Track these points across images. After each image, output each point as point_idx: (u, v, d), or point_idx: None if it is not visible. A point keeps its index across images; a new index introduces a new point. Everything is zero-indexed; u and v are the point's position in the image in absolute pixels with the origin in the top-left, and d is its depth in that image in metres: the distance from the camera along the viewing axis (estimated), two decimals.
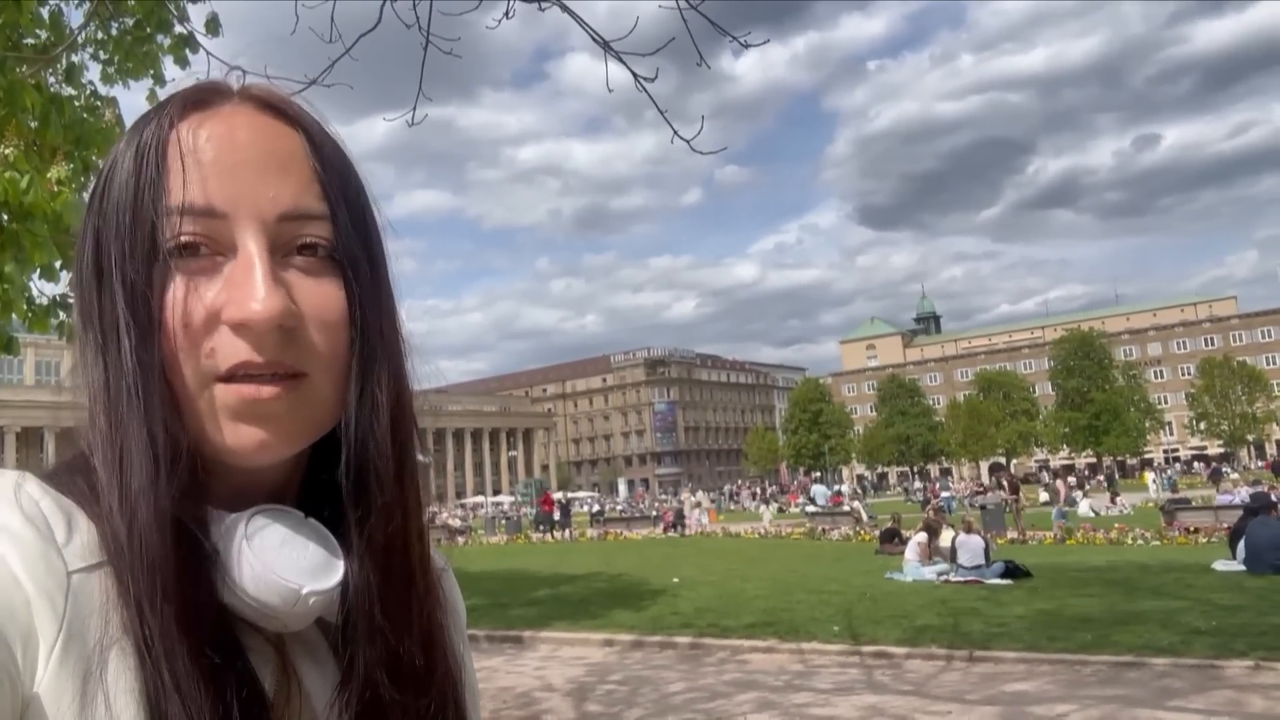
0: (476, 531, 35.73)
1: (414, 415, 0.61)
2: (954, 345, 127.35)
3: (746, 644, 9.41)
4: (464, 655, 0.67)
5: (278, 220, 0.53)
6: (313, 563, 0.54)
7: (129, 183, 0.53)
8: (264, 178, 0.53)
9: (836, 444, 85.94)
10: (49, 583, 0.46)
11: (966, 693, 7.18)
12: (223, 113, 0.55)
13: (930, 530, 14.35)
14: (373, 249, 0.58)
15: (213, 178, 0.52)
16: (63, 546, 0.48)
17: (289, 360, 0.52)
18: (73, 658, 0.45)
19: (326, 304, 0.54)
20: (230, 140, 0.54)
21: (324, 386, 0.54)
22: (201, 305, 0.51)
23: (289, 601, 0.52)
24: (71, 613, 0.46)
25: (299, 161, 0.55)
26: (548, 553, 24.05)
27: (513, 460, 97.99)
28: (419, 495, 0.61)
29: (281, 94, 0.58)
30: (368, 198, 0.60)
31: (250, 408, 0.51)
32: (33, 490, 0.50)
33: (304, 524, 0.56)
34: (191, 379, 0.51)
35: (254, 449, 0.52)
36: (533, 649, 10.25)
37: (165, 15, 6.42)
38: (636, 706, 7.35)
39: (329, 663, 0.58)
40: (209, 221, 0.52)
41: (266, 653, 0.55)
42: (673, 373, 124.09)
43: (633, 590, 13.69)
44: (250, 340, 0.51)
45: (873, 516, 28.04)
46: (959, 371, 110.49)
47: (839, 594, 12.04)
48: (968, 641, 8.63)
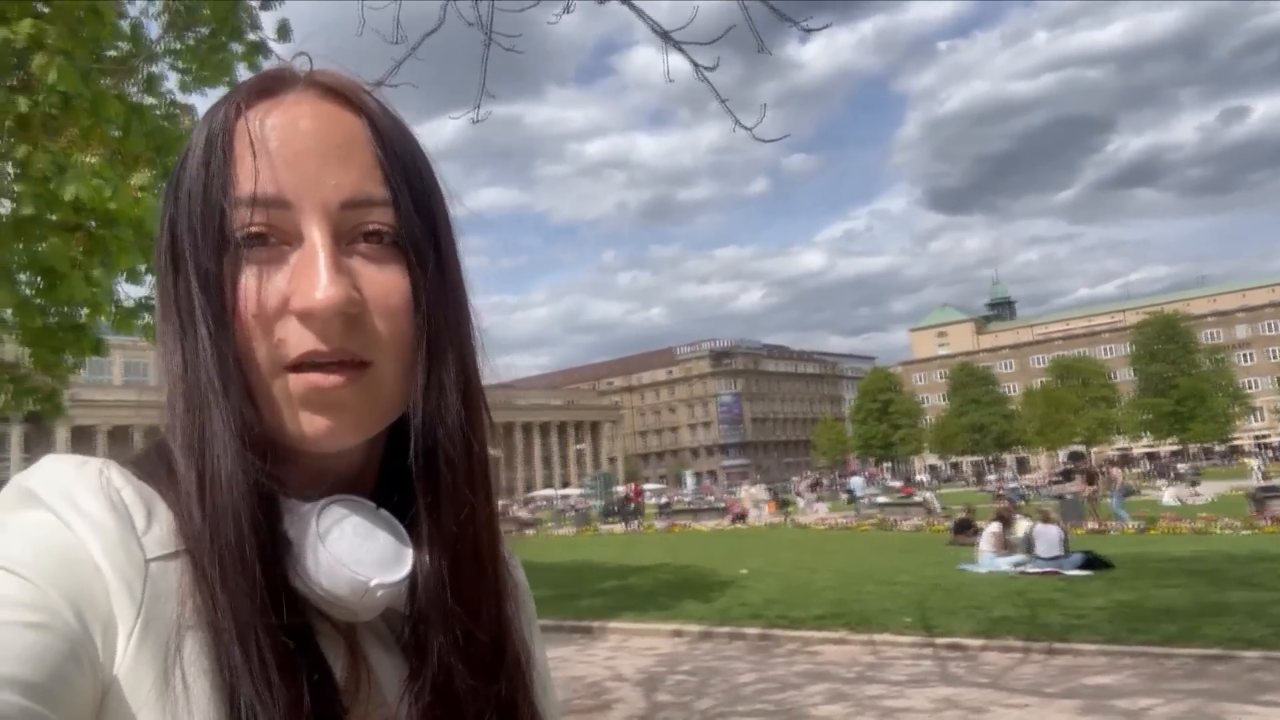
0: (545, 524, 36.11)
1: (485, 402, 0.62)
2: (1029, 331, 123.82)
3: (817, 635, 9.33)
4: (533, 643, 0.67)
5: (341, 208, 0.54)
6: (383, 555, 0.55)
7: (199, 172, 0.54)
8: (326, 165, 0.54)
9: (907, 434, 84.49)
10: (128, 570, 0.47)
11: (1045, 686, 7.00)
12: (286, 101, 0.56)
13: (1004, 520, 14.02)
14: (439, 235, 0.58)
15: (278, 167, 0.53)
16: (142, 534, 0.49)
17: (354, 348, 0.53)
18: (150, 643, 0.46)
19: (390, 290, 0.54)
20: (293, 129, 0.54)
21: (390, 373, 0.55)
22: (270, 294, 0.52)
23: (358, 593, 0.53)
24: (149, 599, 0.47)
25: (361, 148, 0.55)
26: (615, 544, 24.17)
27: (580, 453, 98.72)
28: (490, 482, 0.61)
29: (346, 80, 0.58)
30: (436, 184, 0.60)
31: (318, 396, 0.52)
32: (115, 478, 0.51)
33: (376, 515, 0.57)
34: (264, 367, 0.52)
35: (322, 436, 0.53)
36: (602, 639, 10.33)
37: (238, 23, 6.62)
38: (707, 697, 7.35)
39: (399, 653, 0.59)
40: (275, 211, 0.53)
41: (337, 641, 0.56)
42: (738, 364, 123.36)
43: (700, 581, 13.68)
44: (315, 329, 0.51)
45: (944, 507, 27.50)
46: (1034, 358, 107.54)
47: (910, 585, 11.84)
48: (1046, 633, 8.41)
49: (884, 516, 26.20)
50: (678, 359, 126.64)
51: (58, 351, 5.62)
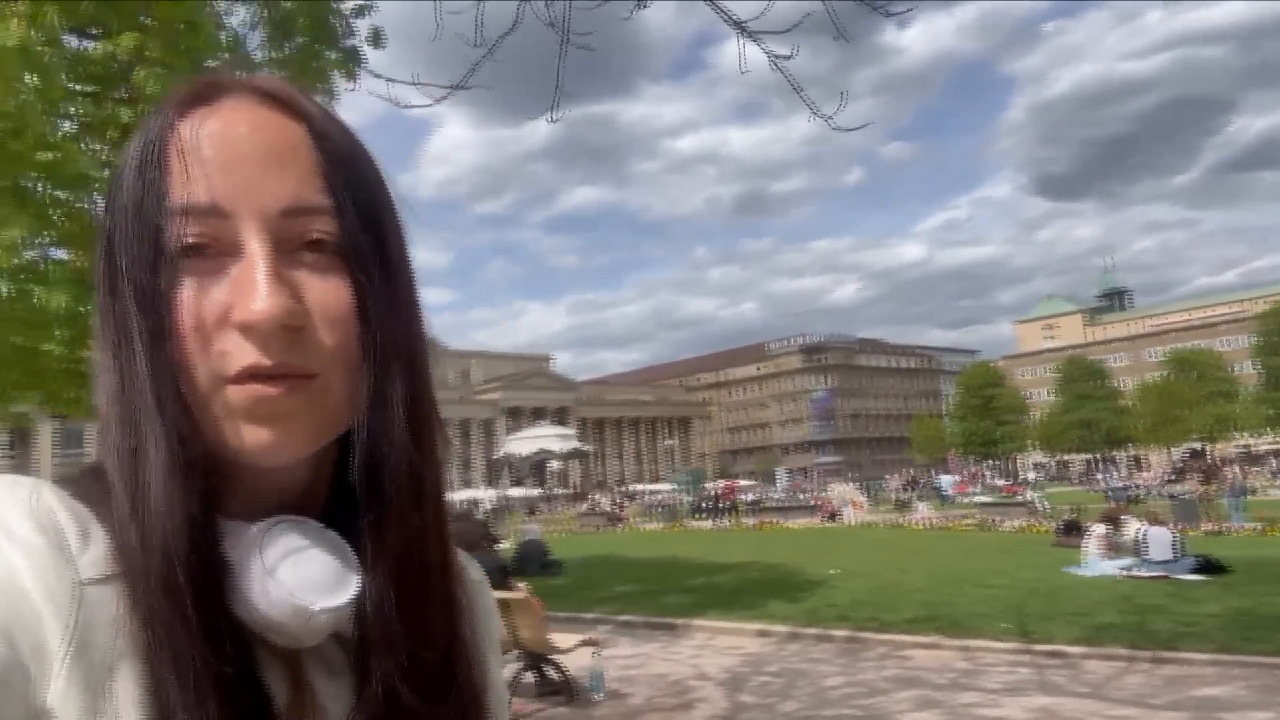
0: (633, 519, 36.29)
1: (436, 415, 0.59)
2: (1142, 323, 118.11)
3: (908, 639, 9.08)
4: (490, 664, 0.65)
5: (280, 215, 0.52)
6: (326, 578, 0.53)
7: (134, 184, 0.52)
8: (265, 172, 0.52)
9: (1011, 431, 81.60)
10: (59, 593, 0.46)
11: (1150, 696, 6.64)
12: (223, 108, 0.54)
13: (1112, 522, 13.38)
14: (385, 242, 0.56)
15: (213, 175, 0.51)
16: (75, 556, 0.48)
17: (296, 360, 0.51)
18: (81, 670, 0.45)
19: (334, 301, 0.52)
20: (229, 135, 0.52)
21: (336, 385, 0.53)
22: (209, 307, 0.50)
23: (300, 619, 0.51)
24: (82, 624, 0.46)
25: (301, 154, 0.54)
26: (702, 541, 24.12)
27: (670, 449, 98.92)
28: (441, 499, 0.59)
29: (284, 85, 0.56)
30: (383, 190, 0.58)
31: (260, 406, 0.50)
32: (49, 499, 0.50)
33: (321, 536, 0.54)
34: (204, 382, 0.50)
35: (265, 448, 0.51)
36: (687, 637, 10.29)
37: (332, 31, 6.83)
38: (792, 699, 7.23)
39: (346, 677, 0.56)
40: (212, 221, 0.51)
41: (279, 668, 0.53)
42: (831, 359, 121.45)
43: (788, 581, 13.50)
44: (256, 342, 0.50)
45: (1050, 507, 26.46)
46: (1148, 351, 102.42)
47: (1009, 589, 11.41)
48: (1153, 641, 7.99)
49: (984, 517, 25.39)
50: (769, 354, 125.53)
51: None
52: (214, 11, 6.42)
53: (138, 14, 5.61)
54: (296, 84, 0.59)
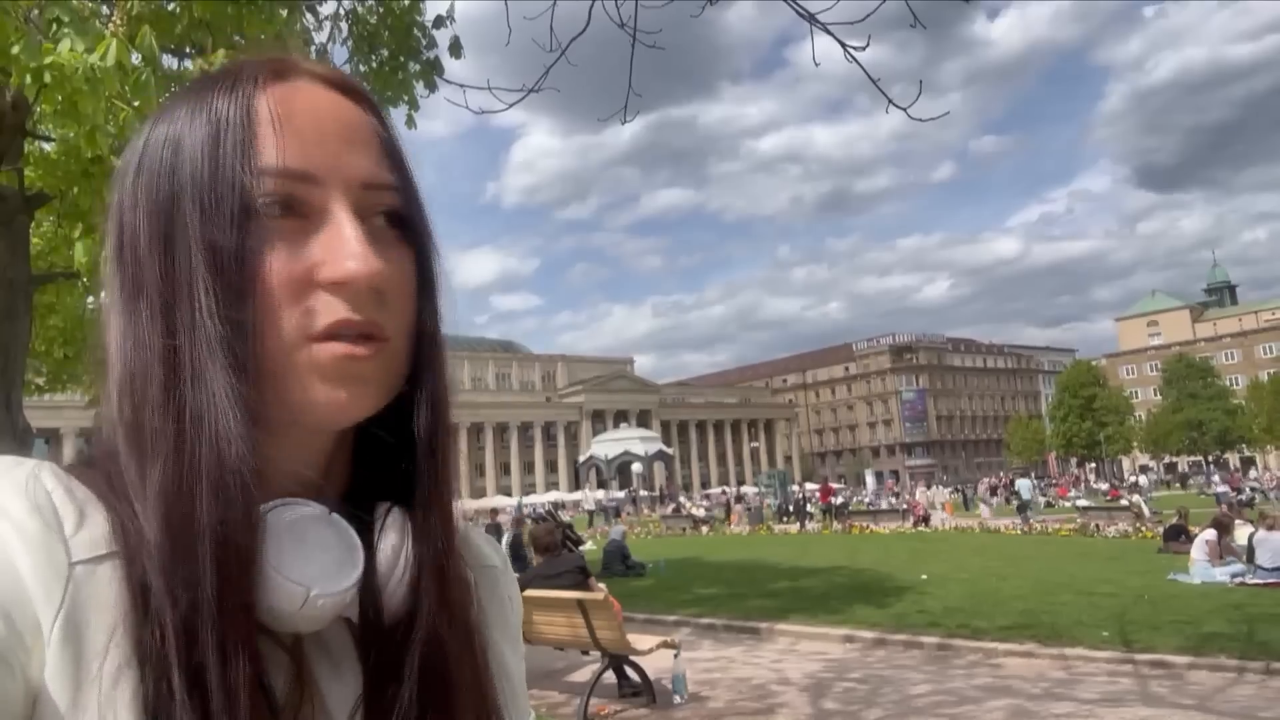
0: (719, 522, 36.10)
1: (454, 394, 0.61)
2: (1253, 318, 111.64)
3: (1001, 647, 8.75)
4: (503, 652, 0.65)
5: (361, 187, 0.55)
6: (327, 563, 0.52)
7: (207, 146, 0.53)
8: (347, 147, 0.55)
9: (1114, 432, 78.23)
10: (48, 573, 0.46)
11: (1260, 709, 6.26)
12: (301, 85, 0.56)
13: (1221, 527, 12.67)
14: (430, 224, 0.60)
15: (306, 143, 0.53)
16: (69, 537, 0.48)
17: (382, 321, 0.53)
18: (71, 649, 0.45)
19: (404, 272, 0.56)
20: (316, 110, 0.55)
21: (400, 353, 0.55)
22: (298, 266, 0.52)
23: (294, 603, 0.50)
24: (70, 604, 0.46)
25: (372, 136, 0.57)
26: (788, 544, 23.80)
27: (754, 451, 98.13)
28: (456, 484, 0.60)
29: (348, 75, 0.60)
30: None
31: (346, 366, 0.52)
32: (47, 480, 0.50)
33: (325, 519, 0.54)
34: (287, 339, 0.51)
35: (338, 409, 0.52)
36: (770, 641, 10.17)
37: (415, 43, 7.01)
38: (876, 707, 7.06)
39: (350, 663, 0.56)
40: (303, 185, 0.53)
41: (279, 655, 0.53)
42: (921, 359, 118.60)
43: (876, 586, 13.19)
44: (348, 298, 0.51)
45: (1156, 512, 25.25)
46: (1262, 347, 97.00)
47: (1111, 596, 10.90)
48: (1265, 652, 7.51)
49: (1085, 521, 24.39)
50: (856, 355, 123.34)
51: None
52: (303, 28, 6.67)
53: (230, 32, 5.86)
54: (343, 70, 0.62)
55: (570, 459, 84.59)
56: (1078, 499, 38.29)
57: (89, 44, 3.52)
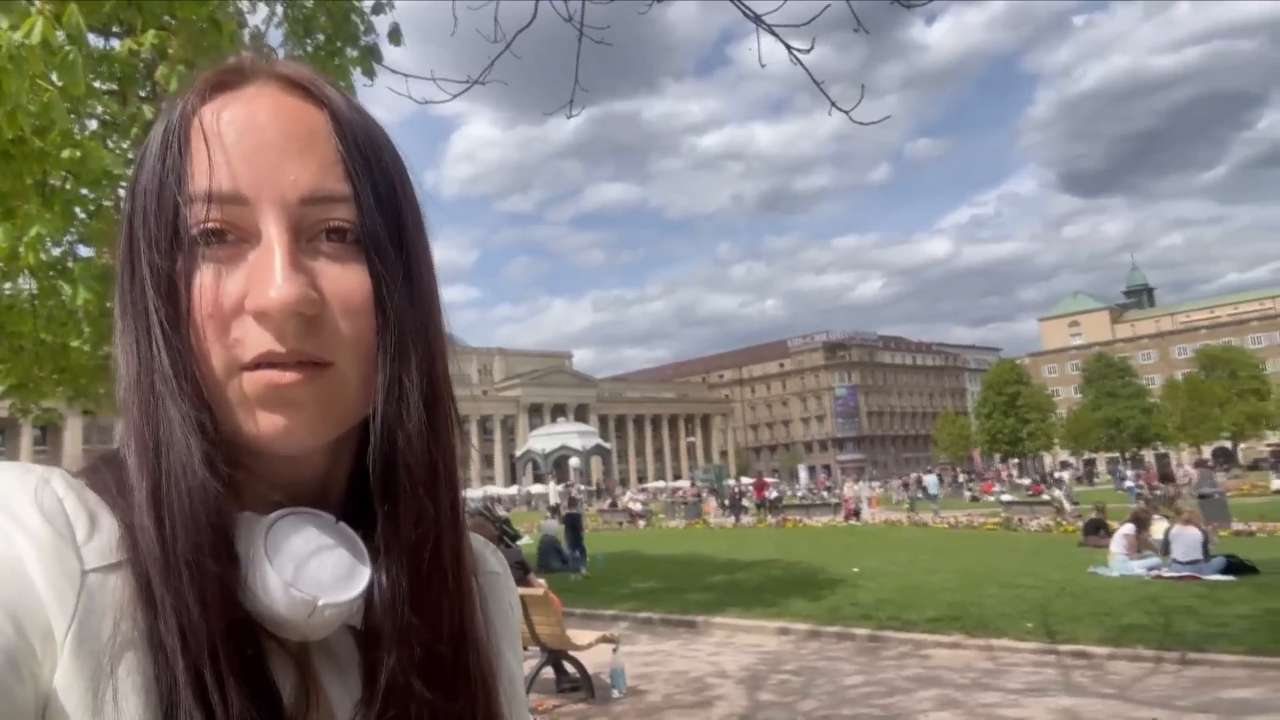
0: (656, 516, 36.27)
1: (453, 407, 0.59)
2: (1170, 320, 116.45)
3: (930, 638, 8.99)
4: (506, 657, 0.65)
5: (300, 203, 0.52)
6: (334, 572, 0.52)
7: (155, 168, 0.53)
8: (285, 160, 0.52)
9: (1036, 428, 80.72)
10: (61, 581, 0.46)
11: (1177, 698, 6.54)
12: (246, 94, 0.54)
13: (1139, 521, 13.18)
14: (405, 232, 0.56)
15: (235, 161, 0.51)
16: (82, 545, 0.48)
17: (311, 349, 0.51)
18: (84, 656, 0.45)
19: (351, 289, 0.52)
20: (251, 122, 0.52)
21: (351, 375, 0.52)
22: (226, 293, 0.50)
23: (304, 613, 0.50)
24: (83, 611, 0.46)
25: (322, 141, 0.54)
26: (724, 538, 24.06)
27: (691, 446, 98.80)
28: (456, 490, 0.58)
29: (306, 72, 0.56)
30: (405, 180, 0.58)
31: (275, 393, 0.50)
32: (58, 487, 0.50)
33: (332, 529, 0.54)
34: (219, 368, 0.50)
35: (279, 435, 0.51)
36: (707, 634, 10.27)
37: (353, 29, 6.85)
38: (810, 698, 7.18)
39: (355, 670, 0.56)
40: (232, 207, 0.51)
41: (286, 661, 0.53)
42: (853, 356, 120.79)
43: (810, 579, 13.42)
44: (272, 329, 0.50)
45: (1075, 503, 26.17)
46: (1176, 348, 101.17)
47: (1034, 588, 11.27)
48: (1180, 642, 7.85)
49: (1009, 516, 25.13)
50: (791, 351, 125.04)
51: None
52: (236, 10, 6.47)
53: (160, 13, 5.65)
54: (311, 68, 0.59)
55: (507, 453, 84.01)
56: (1002, 494, 39.44)
57: (14, 21, 3.36)
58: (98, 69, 5.62)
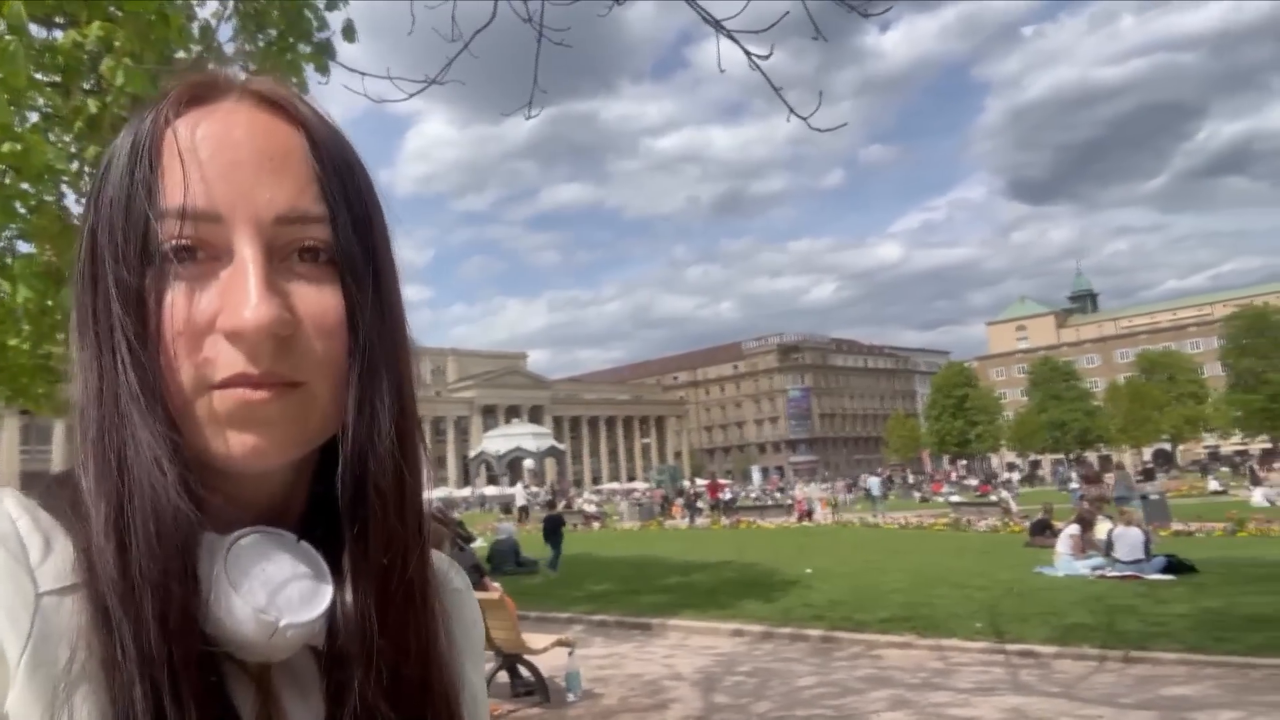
0: (611, 517, 36.24)
1: (419, 428, 0.59)
2: (1113, 325, 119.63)
3: (882, 639, 9.12)
4: (473, 678, 0.65)
5: (274, 223, 0.51)
6: (296, 593, 0.52)
7: (123, 181, 0.52)
8: (260, 178, 0.51)
9: (984, 430, 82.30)
10: (15, 603, 0.45)
11: (1120, 696, 6.70)
12: (220, 109, 0.53)
13: (1084, 522, 13.51)
14: (377, 253, 0.55)
15: (209, 179, 0.50)
16: (35, 567, 0.47)
17: (284, 370, 0.50)
18: (39, 680, 0.44)
19: (325, 310, 0.52)
20: (226, 139, 0.52)
21: (322, 395, 0.52)
22: (197, 312, 0.50)
23: (265, 634, 0.50)
24: (38, 635, 0.45)
25: (297, 160, 0.53)
26: (679, 540, 24.13)
27: (646, 447, 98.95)
28: (421, 512, 0.58)
29: (283, 90, 0.56)
30: (375, 199, 0.57)
31: (245, 412, 0.49)
32: (10, 508, 0.49)
33: (294, 548, 0.53)
34: (188, 386, 0.50)
35: (248, 454, 0.50)
36: (661, 636, 10.28)
37: (306, 25, 6.73)
38: (765, 699, 7.23)
39: (317, 690, 0.55)
40: (205, 225, 0.50)
41: (246, 684, 0.52)
42: (807, 359, 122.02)
43: (764, 580, 13.51)
44: (245, 349, 0.49)
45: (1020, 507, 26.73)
46: (1119, 352, 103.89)
47: (983, 589, 11.49)
48: (1123, 641, 8.07)
49: (958, 516, 25.59)
50: (745, 354, 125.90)
51: None
52: (185, 3, 6.32)
53: (106, 5, 5.50)
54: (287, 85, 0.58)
55: (460, 454, 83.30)
56: (951, 494, 40.16)
57: None
58: (40, 60, 5.44)
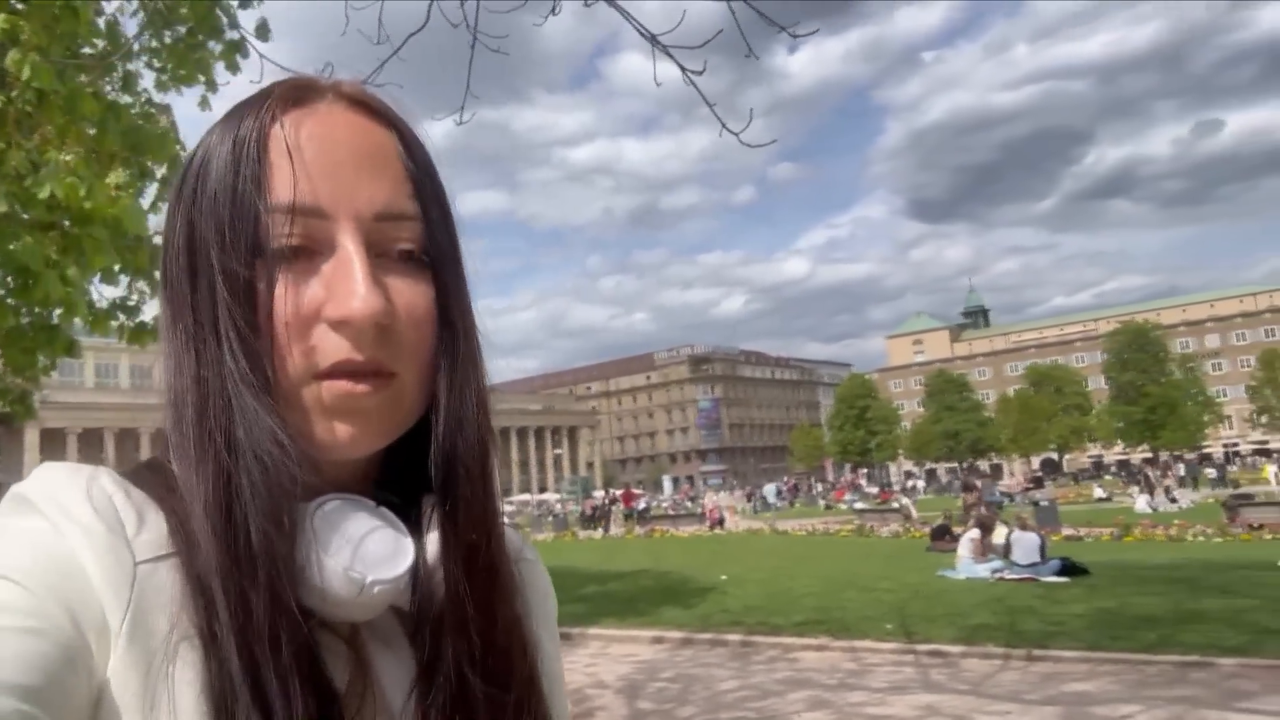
0: (524, 529, 35.88)
1: (491, 412, 0.62)
2: (1003, 339, 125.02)
3: (798, 642, 9.32)
4: (548, 646, 0.68)
5: (374, 219, 0.54)
6: (380, 551, 0.54)
7: (227, 177, 0.54)
8: (360, 177, 0.54)
9: (883, 440, 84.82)
10: (116, 574, 0.47)
11: (1025, 693, 7.03)
12: (320, 110, 0.56)
13: (984, 527, 14.10)
14: (457, 249, 0.60)
15: (316, 177, 0.53)
16: (132, 539, 0.49)
17: (384, 358, 0.53)
18: (138, 647, 0.46)
19: (419, 303, 0.55)
20: (330, 139, 0.55)
21: (411, 385, 0.56)
22: (304, 302, 0.52)
23: (353, 591, 0.52)
24: (136, 603, 0.47)
25: (392, 161, 0.56)
26: (594, 550, 24.11)
27: (558, 458, 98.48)
28: (498, 488, 0.62)
29: (374, 93, 0.59)
30: (449, 200, 0.61)
31: (348, 402, 0.52)
32: (106, 484, 0.51)
33: (374, 512, 0.56)
34: (295, 375, 0.52)
35: (347, 442, 0.53)
36: (582, 646, 10.26)
37: (216, 22, 6.52)
38: (689, 704, 7.31)
39: (406, 653, 0.58)
40: (312, 221, 0.53)
41: (338, 645, 0.55)
42: (716, 370, 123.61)
43: (681, 587, 13.64)
44: (350, 337, 0.52)
45: (908, 507, 27.66)
46: (1009, 365, 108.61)
47: (891, 592, 11.87)
48: (1025, 640, 8.45)
49: (862, 523, 26.30)
50: (657, 364, 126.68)
51: (30, 353, 5.49)
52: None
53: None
54: (375, 90, 0.61)
55: None
56: (854, 502, 41.24)
57: None
58: None
